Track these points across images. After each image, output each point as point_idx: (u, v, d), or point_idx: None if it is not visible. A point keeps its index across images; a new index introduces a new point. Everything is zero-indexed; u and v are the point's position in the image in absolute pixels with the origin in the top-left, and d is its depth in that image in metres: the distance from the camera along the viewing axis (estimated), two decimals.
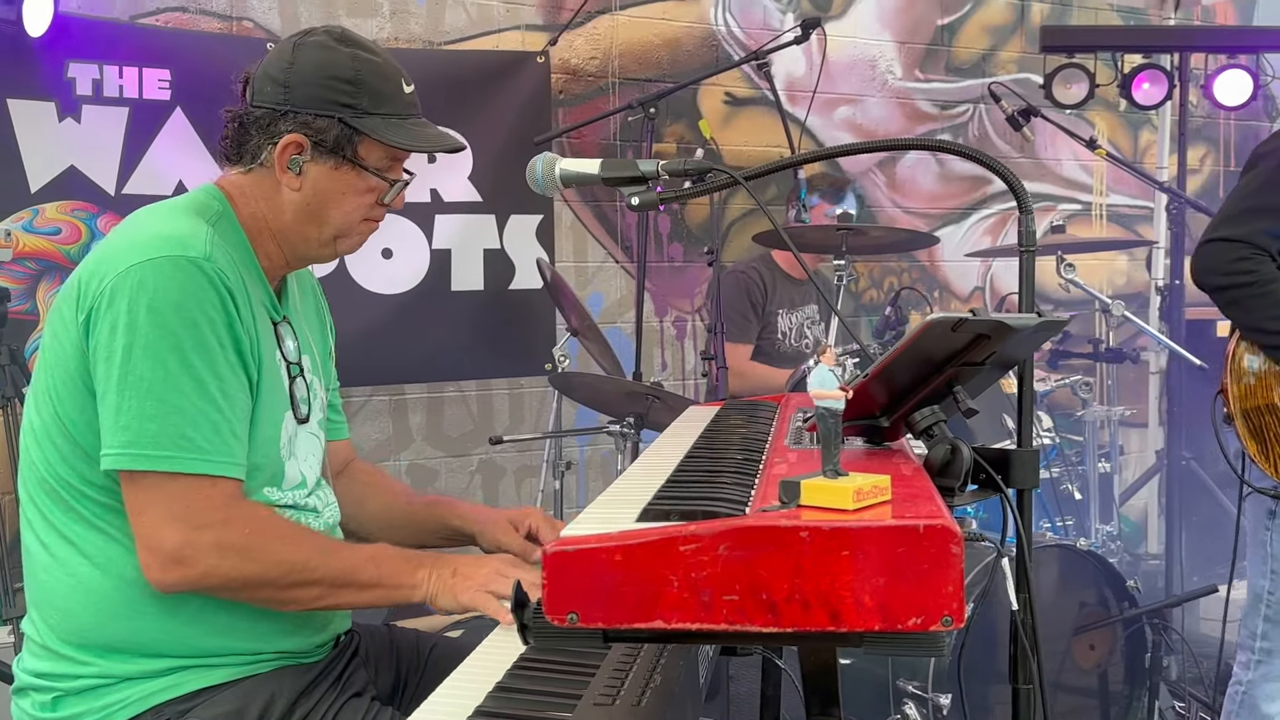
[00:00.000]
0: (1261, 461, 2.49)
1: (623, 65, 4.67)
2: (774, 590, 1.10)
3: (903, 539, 1.10)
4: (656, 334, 4.84)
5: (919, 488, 1.28)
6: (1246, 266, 2.40)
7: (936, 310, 2.99)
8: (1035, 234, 1.65)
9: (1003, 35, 5.59)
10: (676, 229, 4.84)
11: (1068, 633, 3.15)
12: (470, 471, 4.49)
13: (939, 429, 1.51)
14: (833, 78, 5.13)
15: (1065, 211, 5.71)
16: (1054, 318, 1.54)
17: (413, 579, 1.73)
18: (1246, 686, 2.59)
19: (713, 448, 1.68)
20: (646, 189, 1.75)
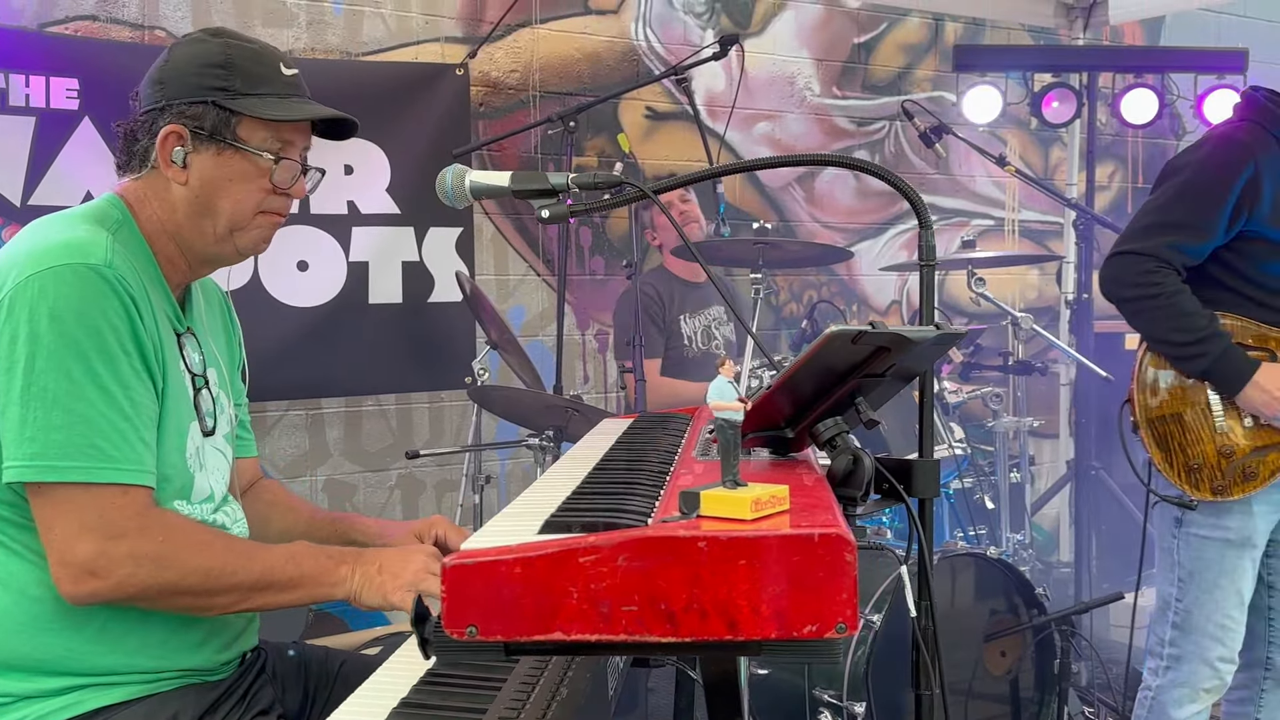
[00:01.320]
0: (1166, 470, 2.54)
1: (543, 79, 4.68)
2: (672, 600, 1.11)
3: (798, 548, 1.11)
4: (578, 347, 4.85)
5: (818, 498, 1.30)
6: (1152, 279, 2.46)
7: (854, 323, 3.05)
8: (935, 249, 1.68)
9: (918, 54, 5.70)
10: (598, 242, 4.85)
11: (979, 640, 3.20)
12: (389, 486, 4.45)
13: (842, 440, 1.54)
14: (752, 93, 5.19)
15: (978, 227, 5.83)
16: (952, 330, 1.58)
17: (334, 576, 1.70)
18: (1156, 692, 2.64)
19: (621, 460, 1.69)
20: (557, 201, 1.76)
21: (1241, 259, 2.50)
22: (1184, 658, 2.60)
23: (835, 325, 1.43)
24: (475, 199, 1.79)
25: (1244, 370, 2.45)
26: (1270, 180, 2.44)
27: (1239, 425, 2.50)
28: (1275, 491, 2.53)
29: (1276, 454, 2.49)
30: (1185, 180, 2.51)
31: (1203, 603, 2.57)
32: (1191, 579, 2.58)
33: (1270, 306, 2.51)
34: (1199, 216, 2.46)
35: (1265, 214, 2.44)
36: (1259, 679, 2.71)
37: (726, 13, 5.13)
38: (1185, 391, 2.53)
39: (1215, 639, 2.57)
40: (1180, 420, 2.53)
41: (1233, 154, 2.47)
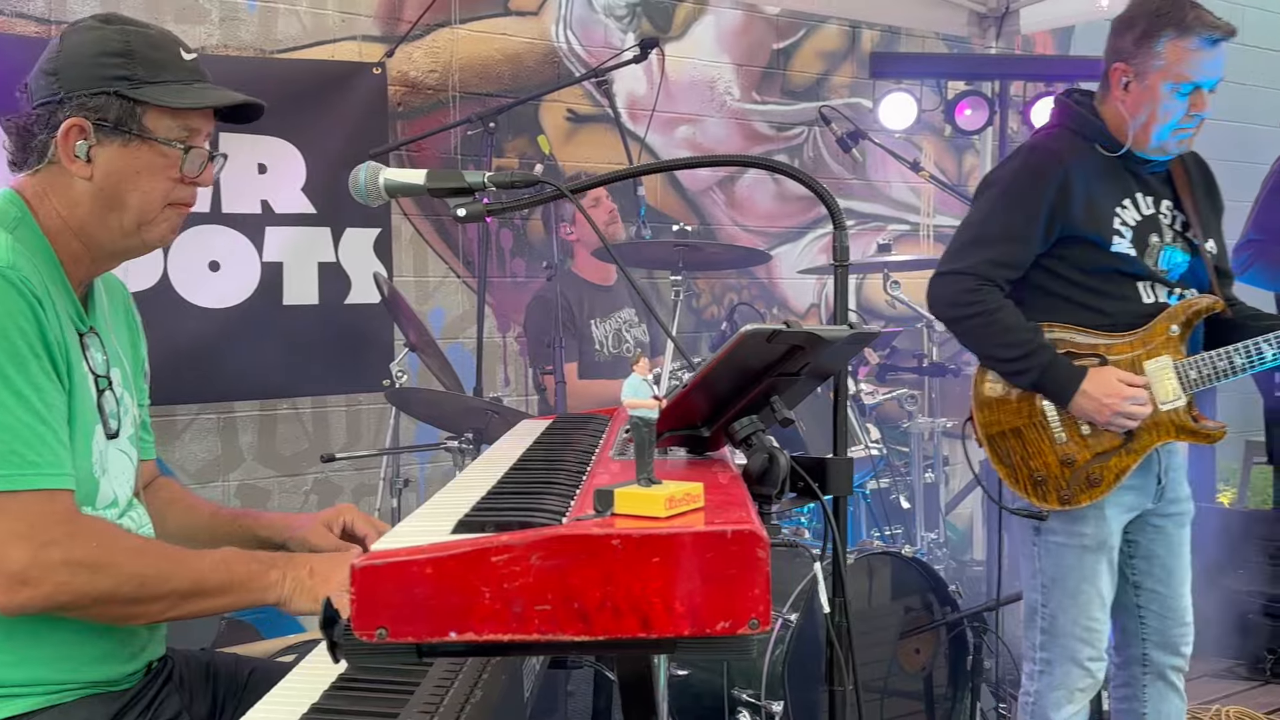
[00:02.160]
0: (1011, 484, 2.58)
1: (463, 79, 4.65)
2: (586, 599, 1.11)
3: (711, 545, 1.11)
4: (499, 349, 4.82)
5: (733, 495, 1.30)
6: (974, 298, 2.48)
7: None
8: (848, 250, 1.70)
9: (835, 60, 5.77)
10: (519, 244, 4.83)
11: (894, 637, 3.24)
12: (305, 491, 4.38)
13: (757, 438, 1.55)
14: (673, 97, 5.21)
15: (894, 231, 5.91)
16: (865, 330, 1.60)
17: (265, 580, 1.66)
18: (1035, 697, 2.68)
19: (538, 460, 1.68)
20: (473, 200, 1.74)
21: (1064, 264, 2.53)
22: (1055, 661, 2.63)
23: (750, 325, 1.44)
24: (390, 197, 1.77)
25: (1072, 379, 2.47)
26: (1080, 182, 2.47)
27: (1077, 434, 2.52)
28: (1124, 494, 2.56)
29: (1118, 458, 2.51)
30: (998, 194, 2.54)
31: (1067, 607, 2.60)
32: (1054, 585, 2.61)
33: (1097, 309, 2.54)
34: (1015, 229, 2.48)
35: (1079, 217, 2.47)
36: (1139, 676, 2.75)
37: (647, 16, 5.15)
38: (1021, 406, 2.55)
39: (1082, 641, 2.60)
40: (1020, 434, 2.55)
41: (1042, 162, 2.50)
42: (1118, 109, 2.52)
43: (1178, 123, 2.48)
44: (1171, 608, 2.70)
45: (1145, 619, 2.72)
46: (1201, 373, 2.52)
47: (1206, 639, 4.30)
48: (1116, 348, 2.54)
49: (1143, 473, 2.57)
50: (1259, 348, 2.52)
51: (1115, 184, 2.54)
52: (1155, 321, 2.54)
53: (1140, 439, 2.52)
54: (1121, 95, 2.50)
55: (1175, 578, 2.70)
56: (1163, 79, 2.44)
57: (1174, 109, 2.46)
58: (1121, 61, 2.50)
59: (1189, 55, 2.43)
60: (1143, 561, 2.69)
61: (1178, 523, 2.69)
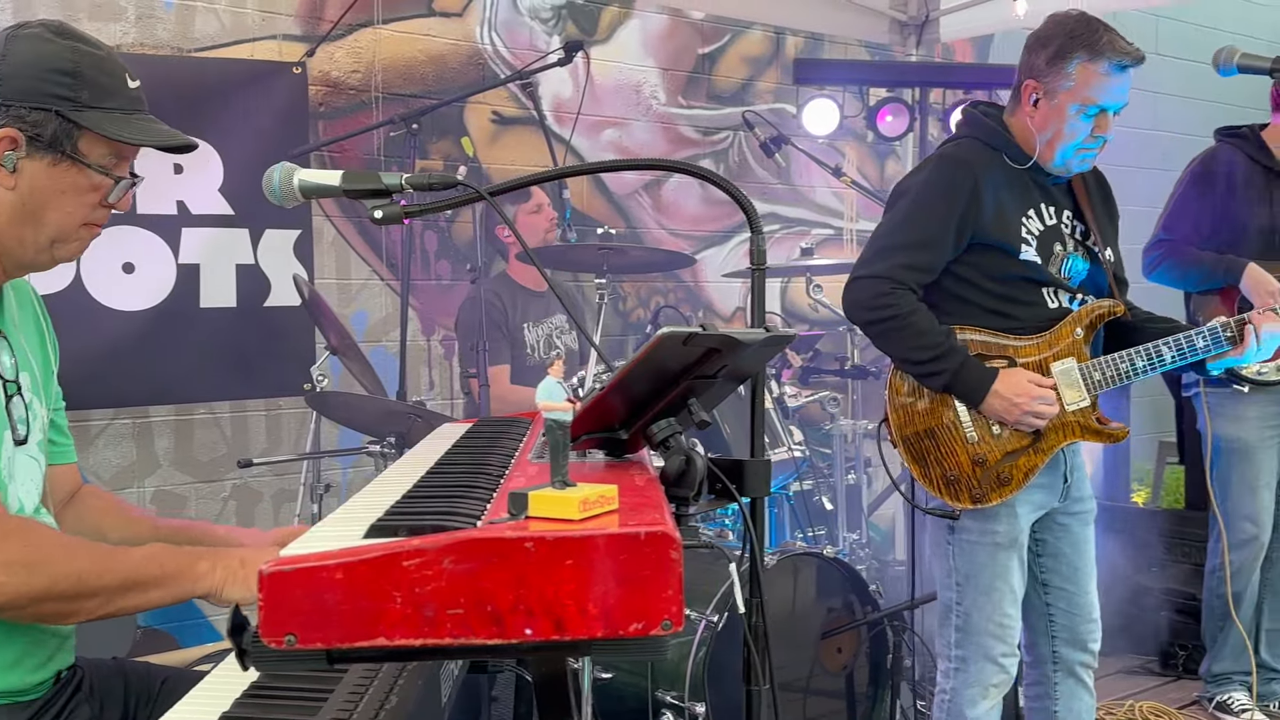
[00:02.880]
0: (925, 484, 2.62)
1: (386, 80, 4.61)
2: (499, 602, 1.11)
3: (625, 546, 1.12)
4: (424, 353, 4.78)
5: (648, 497, 1.31)
6: (888, 301, 2.52)
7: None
8: (765, 253, 1.72)
9: (760, 66, 5.82)
10: (444, 247, 4.80)
11: (816, 637, 3.28)
12: (223, 497, 4.30)
13: (675, 440, 1.55)
14: (599, 100, 5.22)
15: (818, 236, 5.98)
16: (780, 333, 1.61)
17: (195, 572, 1.64)
18: (950, 694, 2.72)
19: (456, 463, 1.67)
20: (390, 202, 1.73)
21: (974, 270, 2.58)
22: (970, 658, 2.68)
23: (667, 327, 1.45)
24: (305, 198, 1.76)
25: (983, 380, 2.52)
26: (990, 192, 2.53)
27: (988, 434, 2.57)
28: (1033, 492, 2.63)
29: (1026, 457, 2.57)
30: (911, 201, 2.59)
31: (981, 604, 2.65)
32: (968, 582, 2.66)
33: (1006, 314, 2.60)
34: (927, 235, 2.53)
35: (989, 224, 2.53)
36: (1049, 674, 2.81)
37: (573, 19, 5.15)
38: (934, 407, 2.60)
39: (996, 637, 2.65)
40: (933, 435, 2.60)
41: (953, 171, 2.55)
42: (1026, 124, 2.58)
43: (1081, 143, 2.54)
44: (1079, 605, 2.77)
45: (1054, 616, 2.78)
46: (1105, 374, 2.60)
47: (1121, 637, 4.40)
48: (1024, 350, 2.60)
49: (1050, 472, 2.64)
50: (1158, 350, 2.60)
51: (1021, 194, 2.60)
52: (1060, 325, 2.61)
53: (1047, 439, 2.59)
54: (1030, 111, 2.57)
55: (1082, 575, 2.77)
56: (1070, 100, 2.50)
57: (1079, 129, 2.52)
58: (1033, 79, 2.56)
59: (1098, 79, 2.49)
60: (1050, 560, 2.75)
61: (1082, 521, 2.76)
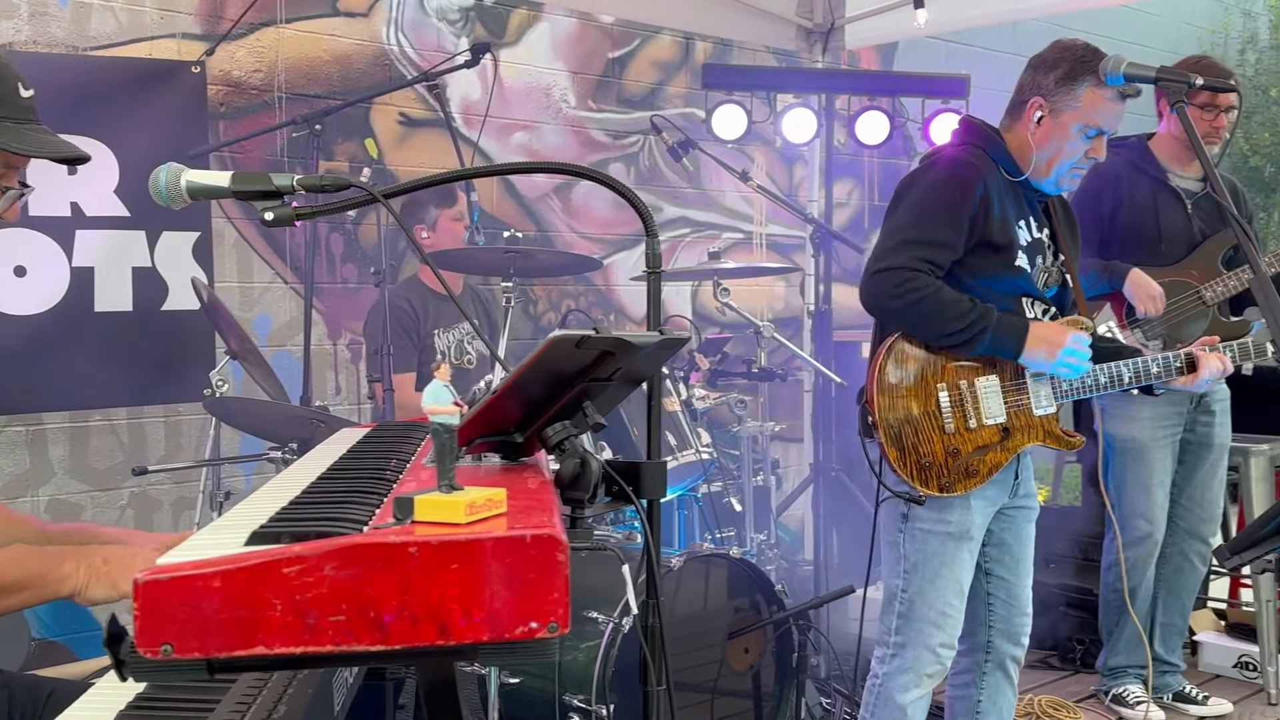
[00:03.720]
0: (899, 468, 2.69)
1: (289, 80, 4.54)
2: (382, 608, 1.09)
3: (511, 549, 1.11)
4: (330, 357, 4.71)
5: (539, 500, 1.30)
6: (913, 285, 2.59)
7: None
8: (660, 257, 1.73)
9: (670, 71, 5.85)
10: (350, 249, 4.73)
11: (723, 638, 3.30)
12: (121, 506, 4.20)
13: (570, 443, 1.55)
14: (509, 103, 5.20)
15: (729, 240, 6.03)
16: (675, 335, 1.62)
17: (59, 573, 1.62)
18: (882, 679, 2.78)
19: (349, 468, 1.65)
20: (281, 204, 1.70)
21: (969, 273, 2.66)
22: (908, 645, 2.75)
23: (558, 330, 1.45)
24: (192, 199, 1.72)
25: (1021, 329, 2.63)
26: (997, 197, 2.65)
27: (964, 426, 2.67)
28: (991, 487, 2.72)
29: (994, 453, 2.68)
30: (926, 199, 2.66)
31: (925, 592, 2.72)
32: (916, 570, 2.73)
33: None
34: (942, 233, 2.61)
35: (995, 228, 2.64)
36: (981, 663, 2.89)
37: (481, 21, 5.12)
38: (918, 394, 2.68)
39: (937, 626, 2.72)
40: (914, 421, 2.68)
41: (964, 173, 2.65)
42: (1025, 139, 2.70)
43: (1076, 162, 2.68)
44: (1016, 596, 2.86)
45: (993, 606, 2.86)
46: (1072, 385, 2.72)
47: None
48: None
49: (1008, 470, 2.75)
50: (1118, 370, 2.75)
51: (1015, 205, 2.71)
52: None
53: (1015, 438, 2.70)
54: (1033, 127, 2.69)
55: (1022, 567, 2.87)
56: (1075, 120, 2.63)
57: (1077, 149, 2.66)
58: (1041, 96, 2.68)
59: (1104, 104, 2.62)
60: (994, 549, 2.84)
61: (1026, 516, 2.86)
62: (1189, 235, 3.67)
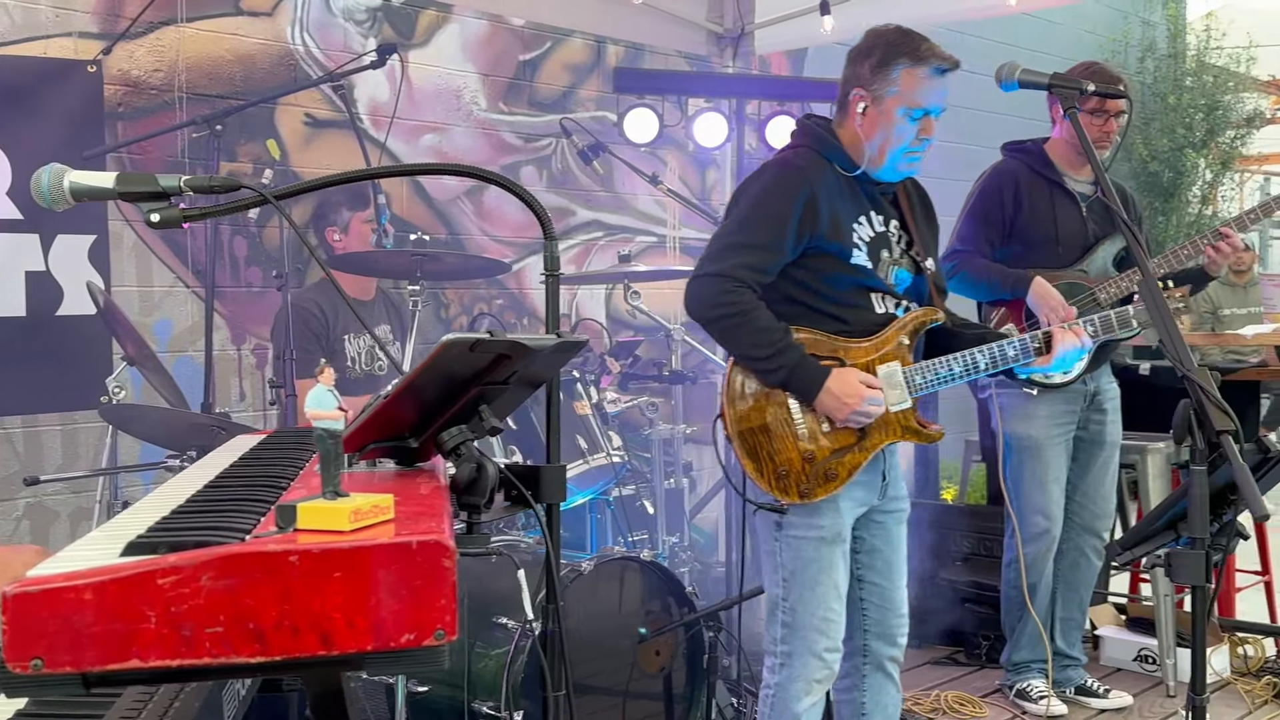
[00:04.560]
0: (758, 479, 2.68)
1: (190, 80, 4.44)
2: (261, 618, 1.07)
3: (395, 556, 1.10)
4: (234, 362, 4.62)
5: (429, 506, 1.29)
6: (731, 299, 2.58)
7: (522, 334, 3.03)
8: (558, 260, 1.73)
9: (581, 74, 5.84)
10: (254, 252, 4.65)
11: (634, 641, 3.30)
12: (15, 518, 4.06)
13: (466, 448, 1.54)
14: (418, 105, 5.15)
15: (642, 243, 6.04)
16: (572, 339, 1.62)
17: None
18: (775, 689, 2.77)
19: (238, 476, 1.62)
20: (169, 205, 1.67)
21: (808, 274, 2.67)
22: (795, 653, 2.73)
23: (452, 334, 1.43)
24: (76, 200, 1.67)
25: (817, 378, 2.61)
26: (824, 198, 2.64)
27: (818, 431, 2.65)
28: (855, 489, 2.72)
29: (852, 455, 2.66)
30: (752, 205, 2.67)
31: (806, 599, 2.71)
32: (794, 578, 2.72)
33: (837, 317, 2.70)
34: (767, 237, 2.61)
35: (825, 230, 2.63)
36: (860, 666, 2.90)
37: (389, 22, 5.06)
38: (768, 404, 2.66)
39: (820, 632, 2.72)
40: (767, 430, 2.66)
41: (790, 177, 2.65)
42: (855, 132, 2.69)
43: (909, 145, 2.67)
44: (890, 599, 2.86)
45: (867, 611, 2.86)
46: (925, 378, 2.71)
47: (929, 628, 4.58)
48: (854, 352, 2.69)
49: (870, 470, 2.73)
50: (974, 357, 2.73)
51: (852, 202, 2.70)
52: (887, 330, 2.71)
53: (871, 437, 2.68)
54: (859, 119, 2.68)
55: (895, 571, 2.86)
56: (897, 104, 2.63)
57: (906, 133, 2.65)
58: (860, 87, 2.68)
59: (921, 83, 2.62)
60: (866, 555, 2.84)
61: (897, 519, 2.86)
62: (1084, 237, 3.76)
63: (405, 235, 4.40)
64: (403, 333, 4.14)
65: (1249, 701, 3.97)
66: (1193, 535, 1.99)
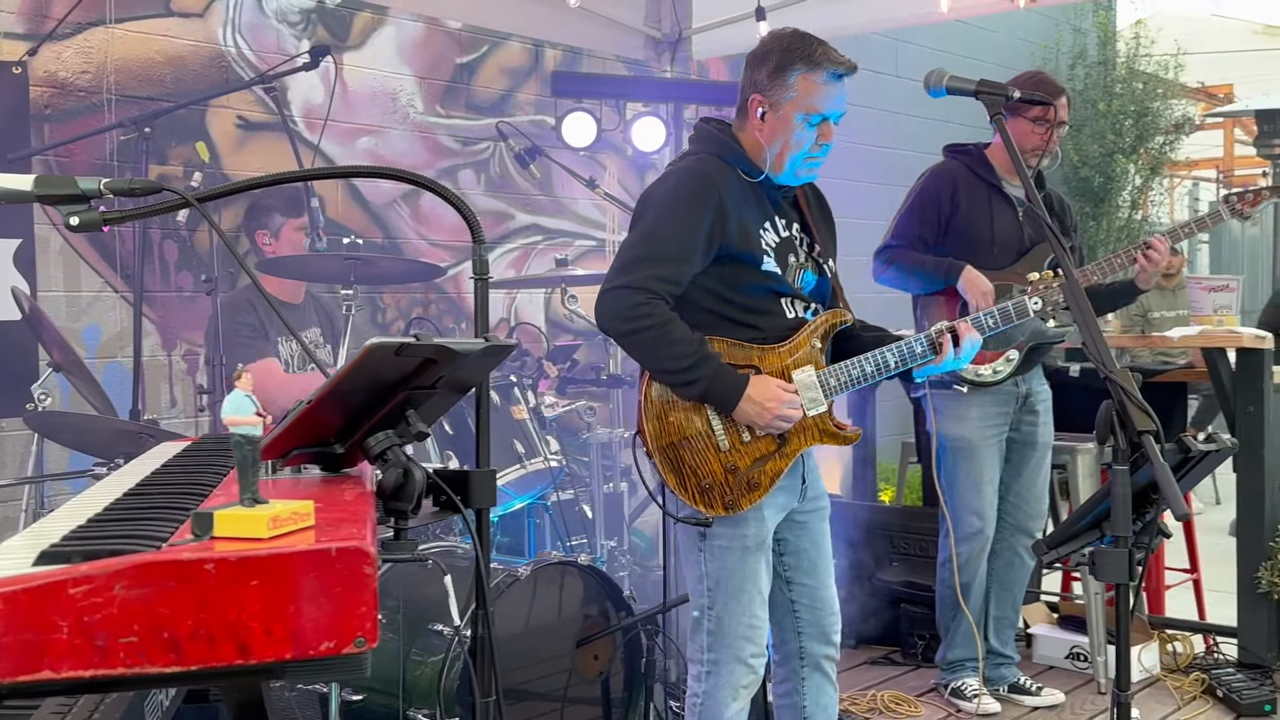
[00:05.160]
0: (680, 492, 2.64)
1: (120, 81, 4.36)
2: (177, 627, 1.06)
3: (314, 563, 1.09)
4: (164, 369, 4.54)
5: (351, 512, 1.28)
6: (644, 311, 2.53)
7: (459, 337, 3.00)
8: (487, 263, 1.72)
9: (519, 78, 5.83)
10: (185, 257, 4.57)
11: (572, 646, 3.29)
12: None
13: (393, 453, 1.53)
14: (353, 107, 5.10)
15: (581, 247, 6.04)
16: (500, 343, 1.61)
17: None
18: (703, 698, 2.75)
19: (159, 483, 1.59)
20: (88, 208, 1.64)
21: (718, 282, 2.64)
22: (721, 661, 2.71)
23: (376, 339, 1.42)
24: None
25: (736, 387, 2.58)
26: (733, 206, 2.61)
27: (738, 441, 2.63)
28: (779, 494, 2.70)
29: (773, 462, 2.65)
30: (659, 214, 2.61)
31: (731, 608, 2.69)
32: (719, 587, 2.69)
33: (750, 325, 2.67)
34: (676, 247, 2.57)
35: (734, 238, 2.60)
36: (798, 669, 2.90)
37: (323, 24, 5.01)
38: (687, 417, 2.62)
39: (746, 639, 2.70)
40: (687, 444, 2.62)
41: (697, 186, 2.60)
42: (755, 137, 2.66)
43: (808, 151, 2.64)
44: (821, 598, 2.86)
45: (799, 613, 2.87)
46: (839, 380, 2.70)
47: (865, 629, 4.62)
48: (768, 359, 2.67)
49: (791, 474, 2.71)
50: (884, 357, 2.72)
51: (757, 207, 2.67)
52: (799, 335, 2.69)
53: (791, 443, 2.67)
54: (759, 124, 2.64)
55: (820, 569, 2.86)
56: (795, 110, 2.60)
57: (805, 138, 2.62)
58: (758, 93, 2.65)
59: (817, 88, 2.60)
60: (792, 558, 2.84)
61: (819, 517, 2.86)
62: (1019, 242, 3.82)
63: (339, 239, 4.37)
64: (335, 336, 4.09)
65: (1178, 698, 4.04)
66: (1116, 534, 2.02)
